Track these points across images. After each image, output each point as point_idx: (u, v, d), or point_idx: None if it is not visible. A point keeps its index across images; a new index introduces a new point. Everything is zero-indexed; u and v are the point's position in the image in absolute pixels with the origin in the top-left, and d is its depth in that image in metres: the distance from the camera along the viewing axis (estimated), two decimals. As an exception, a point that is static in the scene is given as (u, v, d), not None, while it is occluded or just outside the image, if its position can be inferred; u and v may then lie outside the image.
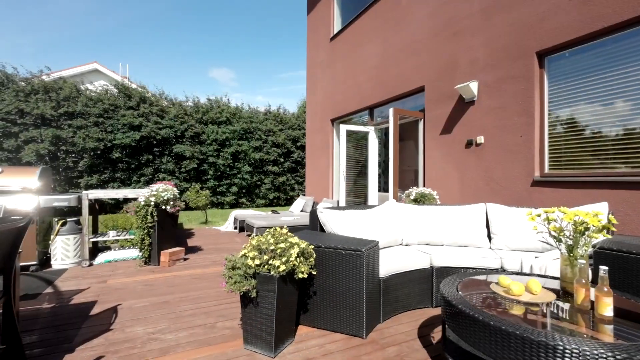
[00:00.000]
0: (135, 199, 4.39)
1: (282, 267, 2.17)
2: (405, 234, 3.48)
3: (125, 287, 3.52)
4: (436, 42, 5.25)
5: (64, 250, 4.13)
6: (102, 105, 11.33)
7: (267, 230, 2.51)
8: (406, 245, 3.48)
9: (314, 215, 3.28)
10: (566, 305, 1.83)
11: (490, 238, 3.47)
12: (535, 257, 2.88)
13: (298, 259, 2.29)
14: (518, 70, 4.10)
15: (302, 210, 8.31)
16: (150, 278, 3.80)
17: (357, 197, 7.66)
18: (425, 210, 3.62)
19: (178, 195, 4.52)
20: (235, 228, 7.74)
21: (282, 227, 2.52)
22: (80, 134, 10.85)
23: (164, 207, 4.21)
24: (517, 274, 2.45)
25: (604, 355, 1.27)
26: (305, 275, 2.31)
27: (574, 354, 1.31)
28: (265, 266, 2.23)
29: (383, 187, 8.77)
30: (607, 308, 1.60)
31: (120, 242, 5.37)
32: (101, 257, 4.42)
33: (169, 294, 3.32)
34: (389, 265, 2.81)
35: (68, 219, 4.21)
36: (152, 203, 4.13)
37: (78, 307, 3.00)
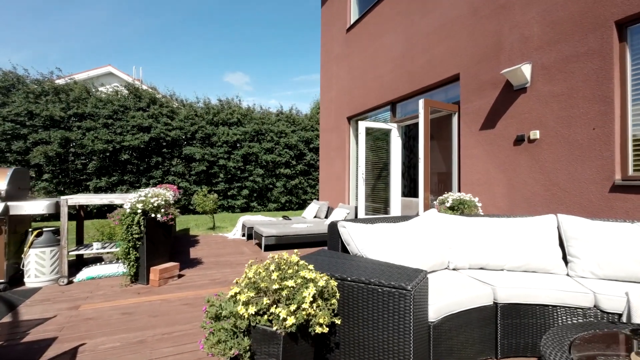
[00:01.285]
0: (122, 206, 3.68)
1: (291, 320, 1.37)
2: (453, 255, 2.62)
3: (99, 315, 2.79)
4: (475, 20, 4.38)
5: (38, 265, 3.45)
6: (111, 107, 10.88)
7: (271, 256, 1.72)
8: (454, 269, 2.62)
9: (333, 229, 2.47)
10: None
11: (566, 261, 2.58)
12: (650, 295, 1.98)
13: (315, 304, 1.49)
14: (590, 45, 3.20)
15: (315, 216, 7.52)
16: (133, 303, 3.06)
17: (376, 203, 6.80)
18: (475, 223, 2.75)
19: (172, 201, 3.80)
20: (244, 235, 7.00)
21: (291, 254, 1.72)
22: (89, 135, 10.41)
23: (153, 216, 3.48)
24: (649, 328, 1.57)
25: None
26: (326, 330, 1.50)
27: None
28: (265, 316, 1.44)
29: (406, 191, 7.89)
30: None
31: (114, 253, 4.70)
32: (84, 273, 3.73)
33: (149, 327, 2.57)
34: (438, 301, 1.97)
35: (44, 229, 3.53)
36: (139, 211, 3.41)
37: (29, 347, 2.28)
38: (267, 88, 57.39)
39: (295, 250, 1.77)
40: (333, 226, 2.47)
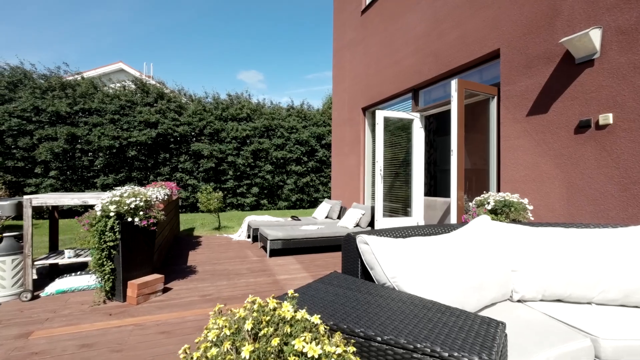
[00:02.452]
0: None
1: None
2: (519, 281, 1.85)
3: (51, 348, 2.16)
4: (521, -17, 3.54)
5: (-3, 277, 2.87)
6: (118, 102, 10.44)
7: (250, 299, 1.01)
8: (519, 301, 1.85)
9: (350, 246, 1.74)
10: None
11: (684, 292, 1.77)
12: None
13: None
14: (696, -5, 2.34)
15: (327, 217, 6.81)
16: (98, 329, 2.42)
17: (393, 203, 6.03)
18: (546, 235, 1.97)
19: (156, 201, 3.16)
20: (249, 237, 6.36)
21: (279, 302, 0.99)
22: (95, 131, 10.00)
23: (130, 219, 2.84)
24: None
25: None
26: None
27: None
28: None
29: (425, 190, 7.08)
30: None
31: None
32: (54, 286, 3.13)
33: (107, 370, 1.92)
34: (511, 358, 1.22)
35: (5, 234, 2.95)
36: (113, 214, 2.78)
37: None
38: (280, 86, 56.96)
39: (290, 292, 1.05)
40: (350, 241, 1.74)
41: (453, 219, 3.54)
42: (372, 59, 6.32)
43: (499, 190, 3.85)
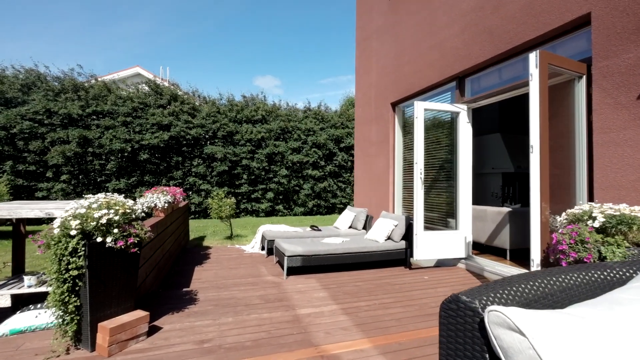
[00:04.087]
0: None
1: None
2: None
3: None
4: None
5: None
6: (131, 104, 9.94)
7: None
8: None
9: (460, 322, 0.83)
10: None
11: None
12: None
13: None
14: None
15: (351, 227, 5.90)
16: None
17: (428, 212, 5.04)
18: None
19: (142, 213, 2.36)
20: (263, 248, 5.55)
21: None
22: (107, 134, 9.50)
23: (100, 240, 2.05)
24: None
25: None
26: None
27: None
28: None
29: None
30: None
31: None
32: (10, 323, 2.37)
33: None
34: None
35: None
36: (76, 232, 1.99)
37: None
38: (296, 91, 56.72)
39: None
40: (460, 315, 0.82)
41: (535, 240, 2.58)
42: (405, 46, 5.42)
43: (590, 200, 2.86)
